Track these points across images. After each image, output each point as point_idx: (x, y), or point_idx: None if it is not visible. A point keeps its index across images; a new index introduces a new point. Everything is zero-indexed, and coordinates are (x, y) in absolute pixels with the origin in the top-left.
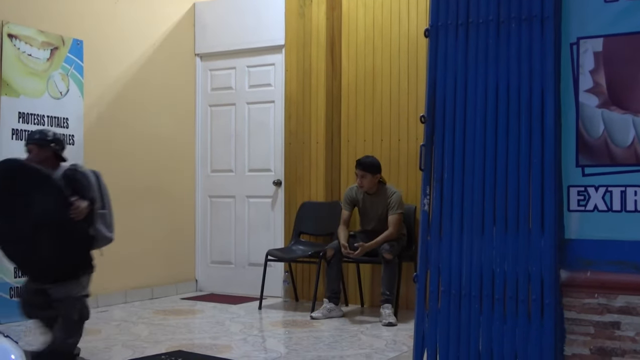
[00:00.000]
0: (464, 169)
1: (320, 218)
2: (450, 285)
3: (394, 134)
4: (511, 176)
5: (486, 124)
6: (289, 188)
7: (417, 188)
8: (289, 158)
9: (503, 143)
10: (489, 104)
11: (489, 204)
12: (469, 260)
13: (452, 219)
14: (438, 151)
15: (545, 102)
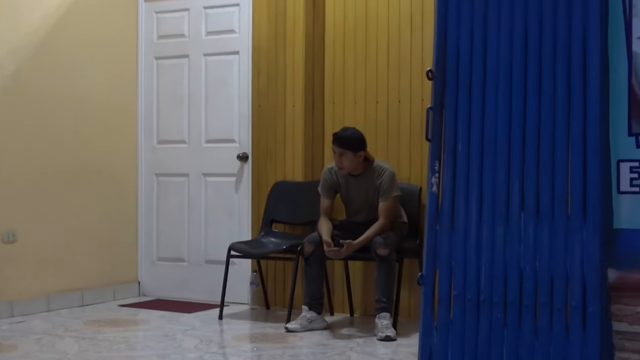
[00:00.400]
0: (483, 138)
1: (297, 202)
2: (465, 289)
3: (392, 94)
4: (544, 148)
5: (512, 81)
6: (258, 164)
7: (423, 164)
8: (257, 125)
9: (533, 105)
10: (516, 55)
11: (516, 183)
12: (490, 256)
13: (468, 202)
14: (450, 116)
15: (588, 52)
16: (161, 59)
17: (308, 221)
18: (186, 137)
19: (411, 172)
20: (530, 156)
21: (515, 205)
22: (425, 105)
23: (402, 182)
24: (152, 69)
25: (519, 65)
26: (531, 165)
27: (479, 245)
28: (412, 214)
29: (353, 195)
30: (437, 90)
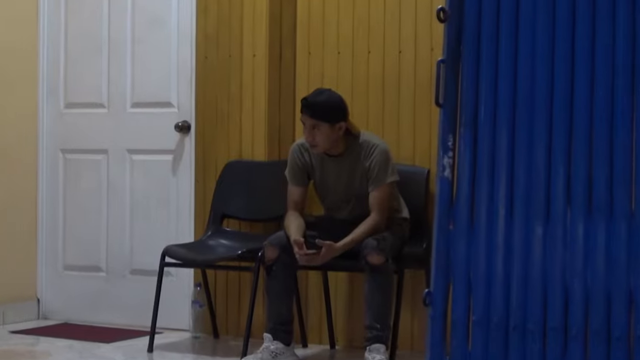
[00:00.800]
0: (515, 104)
1: (257, 191)
2: (489, 311)
3: (390, 41)
4: (599, 120)
5: (555, 25)
6: (204, 137)
7: (432, 139)
8: (203, 84)
9: (585, 57)
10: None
11: (560, 167)
12: (524, 267)
13: (494, 192)
14: (469, 72)
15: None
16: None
17: (272, 216)
18: (105, 99)
19: (415, 150)
20: (580, 130)
21: (558, 198)
22: (436, 57)
23: (403, 164)
24: (59, 5)
25: (565, 1)
26: (582, 144)
27: (508, 252)
28: (417, 208)
29: (331, 183)
30: (451, 37)
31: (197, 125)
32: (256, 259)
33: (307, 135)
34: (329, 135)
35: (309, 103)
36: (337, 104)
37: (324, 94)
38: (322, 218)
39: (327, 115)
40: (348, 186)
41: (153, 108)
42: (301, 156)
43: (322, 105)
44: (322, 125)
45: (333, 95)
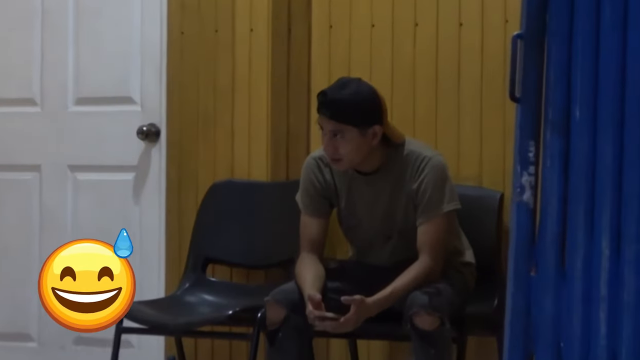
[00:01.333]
0: (625, 96)
1: (257, 223)
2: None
3: (446, 8)
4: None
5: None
6: (180, 148)
7: (506, 149)
8: (178, 71)
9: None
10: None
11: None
12: (637, 328)
13: (594, 224)
14: (558, 52)
15: None
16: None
17: (277, 261)
18: (37, 94)
19: (482, 165)
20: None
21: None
22: (510, 31)
23: (465, 185)
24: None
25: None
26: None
27: (615, 308)
28: (485, 247)
29: (363, 212)
30: (532, 2)
31: (170, 131)
32: (255, 322)
33: (326, 146)
34: (358, 144)
35: (329, 100)
36: (369, 100)
37: (350, 86)
38: (349, 263)
39: (356, 116)
40: (387, 217)
41: (106, 106)
42: (320, 175)
43: (348, 103)
44: (348, 130)
45: (363, 88)
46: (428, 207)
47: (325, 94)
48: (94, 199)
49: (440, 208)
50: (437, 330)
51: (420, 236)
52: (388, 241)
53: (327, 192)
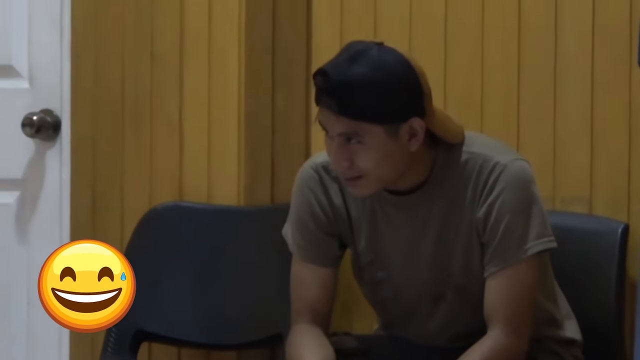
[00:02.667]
0: None
1: (221, 276)
2: None
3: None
4: None
5: None
6: (94, 149)
7: (632, 161)
8: (88, 29)
9: None
10: None
11: None
12: None
13: None
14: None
15: None
16: None
17: (255, 340)
18: None
19: (593, 180)
20: None
21: None
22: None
23: (566, 211)
24: None
25: None
26: None
27: None
28: (599, 312)
29: (398, 257)
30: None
31: (76, 123)
32: None
33: (335, 158)
34: (387, 153)
35: (334, 83)
36: (399, 78)
37: (366, 58)
38: (375, 340)
39: (380, 107)
40: (437, 264)
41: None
42: (324, 195)
43: (366, 86)
44: (369, 132)
45: (388, 58)
46: (504, 246)
47: (327, 74)
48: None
49: (523, 248)
50: None
51: (492, 295)
52: (438, 304)
53: (335, 224)
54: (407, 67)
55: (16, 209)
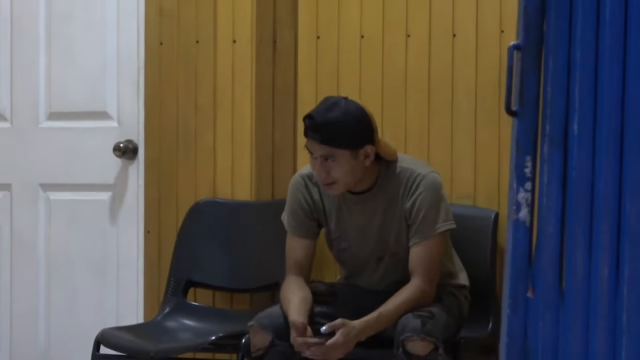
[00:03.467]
0: (625, 107)
1: (241, 245)
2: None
3: (439, 19)
4: None
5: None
6: (159, 166)
7: (502, 165)
8: (156, 85)
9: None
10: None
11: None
12: (637, 352)
13: (593, 242)
14: (557, 63)
15: None
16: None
17: (263, 285)
18: (6, 109)
19: (477, 184)
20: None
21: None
22: (507, 40)
23: (459, 204)
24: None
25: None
26: None
27: (614, 332)
28: (481, 270)
29: (354, 233)
30: (530, 10)
31: (148, 148)
32: (239, 349)
33: (318, 171)
34: (351, 167)
35: (318, 124)
36: (359, 120)
37: (337, 107)
38: (339, 286)
39: (347, 138)
40: (379, 237)
41: (80, 121)
42: (308, 194)
43: (338, 125)
44: (340, 154)
45: (351, 107)
46: (422, 226)
47: (313, 117)
48: (68, 220)
49: (434, 228)
50: (430, 356)
51: (413, 257)
52: (380, 263)
53: (315, 212)
54: (363, 113)
55: (109, 204)
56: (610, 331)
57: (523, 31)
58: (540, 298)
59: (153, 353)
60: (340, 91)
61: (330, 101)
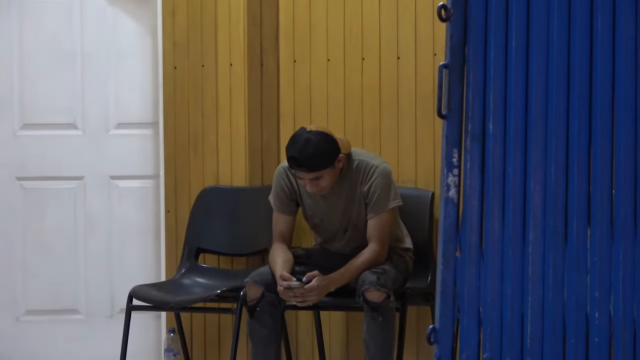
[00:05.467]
0: (528, 113)
1: (238, 221)
2: (501, 348)
3: (387, 46)
4: (622, 131)
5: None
6: (175, 160)
7: (436, 157)
8: (171, 97)
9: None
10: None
11: (580, 184)
12: (539, 296)
13: (505, 214)
14: (476, 77)
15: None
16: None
17: (256, 250)
18: (78, 119)
19: (417, 170)
20: (601, 144)
21: (578, 218)
22: (439, 61)
23: (404, 187)
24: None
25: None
26: (603, 159)
27: (522, 281)
28: (421, 236)
29: (324, 210)
30: (455, 37)
31: (167, 147)
32: (238, 300)
33: (309, 187)
34: (333, 175)
35: (303, 161)
36: (327, 144)
37: (310, 144)
38: (313, 251)
39: (326, 161)
40: (344, 214)
41: (132, 129)
42: (288, 181)
43: (317, 156)
44: (324, 173)
45: (318, 137)
46: (376, 204)
47: (296, 158)
48: (125, 205)
49: (386, 205)
50: (384, 302)
51: (370, 228)
52: (345, 233)
53: (294, 195)
54: (325, 135)
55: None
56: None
57: (450, 54)
58: (465, 256)
59: (173, 303)
60: (312, 102)
61: (301, 139)
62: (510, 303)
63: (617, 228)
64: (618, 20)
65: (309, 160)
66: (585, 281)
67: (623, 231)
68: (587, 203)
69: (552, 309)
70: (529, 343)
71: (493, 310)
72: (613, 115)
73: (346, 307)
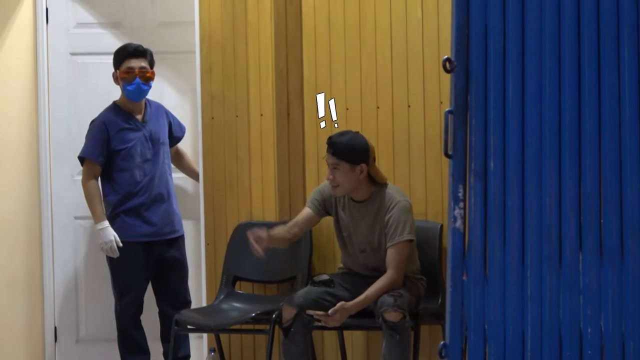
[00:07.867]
0: (525, 152)
1: (270, 251)
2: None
3: (399, 95)
4: (609, 167)
5: (561, 70)
6: (213, 199)
7: (444, 192)
8: (209, 144)
9: (593, 107)
10: (566, 31)
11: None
12: (538, 314)
13: (506, 242)
14: (478, 122)
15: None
16: (80, 55)
17: (286, 278)
18: None
19: (428, 204)
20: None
21: (571, 245)
22: (445, 108)
23: (416, 219)
24: (65, 69)
25: (571, 45)
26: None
27: (522, 301)
28: (431, 263)
29: (353, 226)
30: (458, 87)
31: (206, 188)
32: (271, 321)
33: (328, 175)
34: (349, 176)
35: (332, 142)
36: (359, 145)
37: (347, 134)
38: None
39: (347, 154)
40: (368, 234)
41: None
42: (328, 191)
43: (344, 145)
44: (342, 164)
45: (357, 137)
46: (394, 234)
47: (330, 138)
48: None
49: (402, 236)
50: (401, 322)
51: (389, 256)
52: (364, 252)
53: (327, 202)
54: (364, 142)
55: None
56: (518, 300)
57: (454, 101)
58: (471, 280)
59: (213, 326)
60: None
61: (345, 131)
62: (512, 321)
63: (605, 253)
64: (602, 70)
65: (336, 145)
66: (578, 301)
67: (611, 256)
68: (579, 231)
69: (550, 325)
70: (529, 356)
71: (497, 328)
72: (600, 154)
73: (367, 327)
